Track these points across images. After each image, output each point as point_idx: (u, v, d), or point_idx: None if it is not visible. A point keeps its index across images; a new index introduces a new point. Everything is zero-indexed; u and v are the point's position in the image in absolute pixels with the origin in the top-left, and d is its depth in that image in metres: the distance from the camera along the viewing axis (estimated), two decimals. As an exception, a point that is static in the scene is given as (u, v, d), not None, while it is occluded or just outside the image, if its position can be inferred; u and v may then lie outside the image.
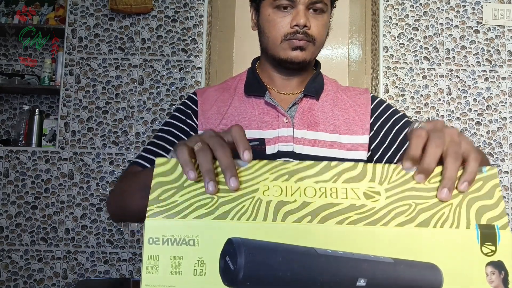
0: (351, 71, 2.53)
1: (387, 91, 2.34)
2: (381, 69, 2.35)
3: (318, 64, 1.03)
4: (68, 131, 2.33)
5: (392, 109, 0.97)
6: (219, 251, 0.44)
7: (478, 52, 2.37)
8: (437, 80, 2.35)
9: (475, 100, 2.35)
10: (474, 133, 2.33)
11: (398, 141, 0.92)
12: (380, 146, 0.93)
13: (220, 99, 0.97)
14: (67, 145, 2.32)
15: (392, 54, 2.36)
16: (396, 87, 2.34)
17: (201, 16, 2.38)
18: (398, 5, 2.39)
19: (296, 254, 0.44)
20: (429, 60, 2.36)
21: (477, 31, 2.38)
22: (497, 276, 0.45)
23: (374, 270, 0.45)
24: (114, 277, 2.21)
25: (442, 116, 2.33)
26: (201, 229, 0.45)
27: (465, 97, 2.35)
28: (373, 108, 0.97)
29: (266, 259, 0.43)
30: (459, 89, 2.35)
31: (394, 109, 0.98)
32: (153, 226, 0.45)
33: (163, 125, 0.98)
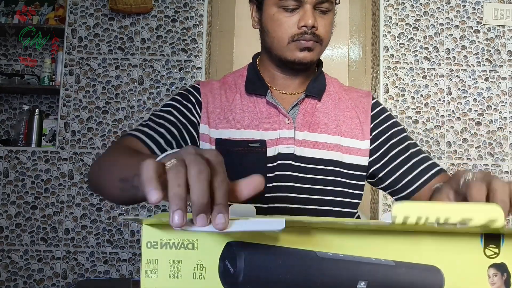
0: (351, 71, 2.52)
1: (387, 91, 2.33)
2: (381, 69, 2.34)
3: (320, 62, 1.01)
4: (68, 131, 2.32)
5: (392, 120, 0.97)
6: (219, 255, 0.44)
7: (479, 52, 2.37)
8: (437, 80, 2.35)
9: (475, 100, 2.35)
10: (474, 133, 2.33)
11: (390, 155, 0.93)
12: (380, 161, 0.94)
13: (223, 93, 0.95)
14: (67, 145, 2.32)
15: (392, 54, 2.36)
16: (396, 87, 2.34)
17: (201, 16, 2.38)
18: (398, 5, 2.38)
19: (297, 257, 0.44)
20: (429, 60, 2.36)
21: (477, 31, 2.38)
22: (499, 278, 0.45)
23: (375, 272, 0.45)
24: (114, 277, 2.21)
25: (442, 116, 2.33)
26: (200, 233, 0.44)
27: (465, 97, 2.35)
28: (373, 116, 0.96)
29: (265, 262, 0.43)
30: (459, 89, 2.35)
31: (395, 121, 0.97)
32: (151, 230, 0.44)
33: (163, 106, 0.93)
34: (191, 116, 0.91)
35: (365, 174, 0.95)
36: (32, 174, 2.31)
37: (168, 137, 0.87)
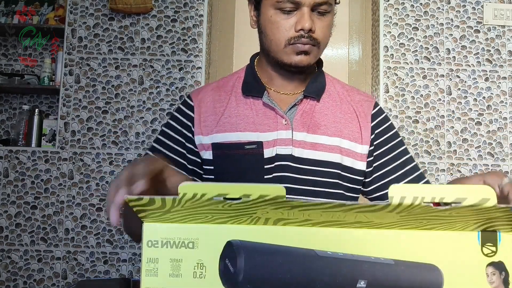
0: (351, 71, 2.53)
1: (387, 91, 2.33)
2: (381, 69, 2.34)
3: (320, 62, 0.99)
4: (67, 131, 2.32)
5: (393, 130, 0.97)
6: (219, 254, 0.44)
7: (479, 52, 2.37)
8: (437, 80, 2.35)
9: (475, 100, 2.35)
10: (474, 133, 2.33)
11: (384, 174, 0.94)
12: (371, 175, 0.95)
13: (217, 99, 0.94)
14: (67, 145, 2.32)
15: (392, 54, 2.36)
16: (396, 87, 2.34)
17: (201, 16, 2.38)
18: (398, 5, 2.38)
19: (296, 256, 0.44)
20: (429, 60, 2.36)
21: (477, 31, 2.38)
22: (497, 277, 0.45)
23: (375, 271, 0.45)
24: (114, 277, 2.21)
25: (442, 116, 2.33)
26: (200, 231, 0.44)
27: (465, 97, 2.35)
28: (373, 126, 0.96)
29: (266, 261, 0.43)
30: (459, 89, 2.35)
31: (395, 131, 0.98)
32: (151, 229, 0.44)
33: (164, 126, 0.97)
34: (187, 143, 0.94)
35: (362, 179, 0.94)
36: (32, 174, 2.31)
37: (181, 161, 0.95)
